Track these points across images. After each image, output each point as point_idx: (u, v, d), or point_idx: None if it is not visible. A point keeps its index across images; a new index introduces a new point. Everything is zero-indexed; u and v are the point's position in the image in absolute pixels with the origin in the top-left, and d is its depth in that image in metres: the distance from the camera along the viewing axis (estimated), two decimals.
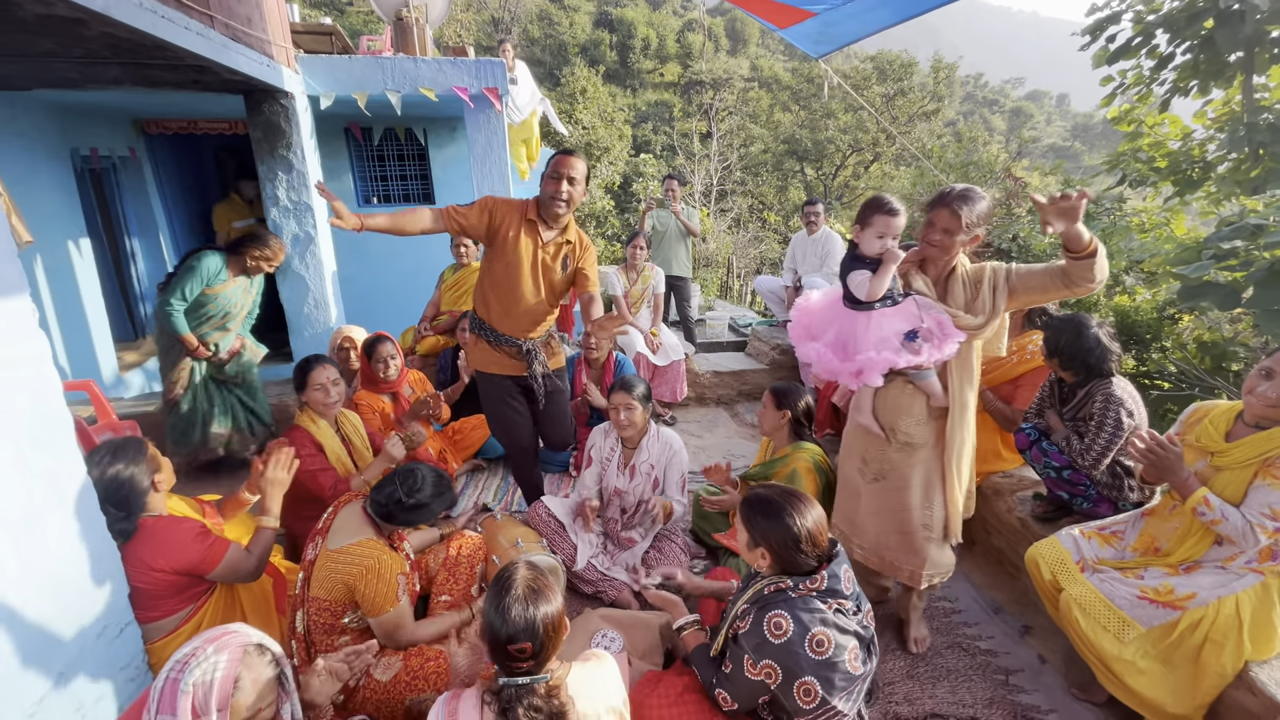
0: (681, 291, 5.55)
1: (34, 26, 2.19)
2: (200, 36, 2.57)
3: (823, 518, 1.54)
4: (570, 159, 2.37)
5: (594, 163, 15.65)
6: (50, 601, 1.50)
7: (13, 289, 1.44)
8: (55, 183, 4.09)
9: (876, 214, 1.87)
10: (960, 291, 1.89)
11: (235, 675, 1.16)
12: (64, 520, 1.55)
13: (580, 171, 2.39)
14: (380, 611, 1.76)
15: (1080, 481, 2.25)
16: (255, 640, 1.24)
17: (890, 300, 1.89)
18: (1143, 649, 1.75)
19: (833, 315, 2.03)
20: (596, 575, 2.52)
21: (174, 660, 1.17)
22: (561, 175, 2.35)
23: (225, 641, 1.19)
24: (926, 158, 8.48)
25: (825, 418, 3.93)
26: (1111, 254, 5.48)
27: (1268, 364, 1.69)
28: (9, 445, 1.42)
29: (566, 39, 33.19)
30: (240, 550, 1.90)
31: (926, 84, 19.83)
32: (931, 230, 1.85)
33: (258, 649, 1.23)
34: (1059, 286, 1.75)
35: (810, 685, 1.39)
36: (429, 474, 1.93)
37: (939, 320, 1.86)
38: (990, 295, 1.85)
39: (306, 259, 3.93)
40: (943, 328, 1.85)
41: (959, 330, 1.85)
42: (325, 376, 2.52)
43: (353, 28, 21.60)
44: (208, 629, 1.82)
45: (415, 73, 4.08)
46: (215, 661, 1.15)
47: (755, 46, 37.74)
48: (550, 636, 1.25)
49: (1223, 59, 6.04)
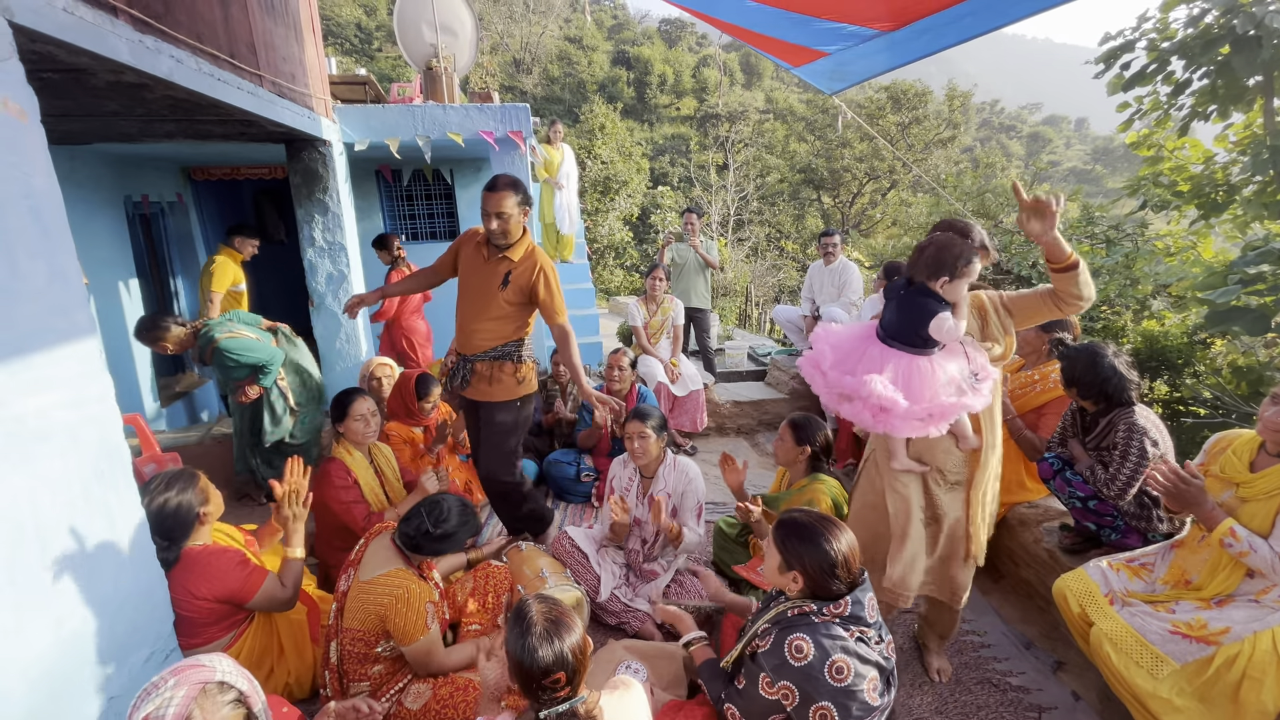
0: (700, 322, 5.62)
1: (103, 92, 2.39)
2: (251, 95, 2.77)
3: (855, 544, 1.55)
4: (493, 197, 2.40)
5: (613, 196, 16.00)
6: (103, 629, 1.58)
7: (85, 332, 1.57)
8: (110, 228, 4.35)
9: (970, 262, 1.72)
10: (973, 322, 1.89)
11: (187, 714, 1.11)
12: (118, 550, 1.64)
13: (508, 206, 2.41)
14: (411, 640, 1.81)
15: (1107, 512, 2.22)
16: (218, 678, 1.18)
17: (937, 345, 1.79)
18: (1178, 686, 1.71)
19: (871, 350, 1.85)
20: (620, 606, 2.54)
21: (144, 685, 1.16)
22: (489, 214, 2.44)
23: (186, 676, 1.15)
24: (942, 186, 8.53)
25: (847, 447, 3.92)
26: (1137, 279, 5.43)
27: (1278, 390, 1.69)
28: (76, 479, 1.52)
29: (585, 77, 34.28)
30: (276, 580, 1.97)
31: (942, 112, 19.99)
32: None
33: (219, 687, 1.17)
34: (1050, 306, 1.77)
35: (827, 711, 1.40)
36: (454, 504, 1.99)
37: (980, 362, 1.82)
38: (998, 321, 1.87)
39: (340, 296, 4.10)
40: (985, 366, 1.81)
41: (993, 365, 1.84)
42: (366, 408, 2.63)
43: (382, 72, 22.66)
44: (246, 658, 1.90)
45: (444, 119, 4.30)
46: (171, 696, 1.12)
47: (770, 80, 38.51)
48: (579, 660, 1.29)
49: (1241, 83, 6.02)
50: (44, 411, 1.44)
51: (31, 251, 1.43)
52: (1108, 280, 5.30)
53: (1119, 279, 5.30)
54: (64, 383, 1.50)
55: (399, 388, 3.37)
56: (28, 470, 1.39)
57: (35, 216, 1.45)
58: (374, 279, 4.81)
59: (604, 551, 2.73)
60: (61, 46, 1.68)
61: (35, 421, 1.41)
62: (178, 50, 2.23)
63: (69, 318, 1.53)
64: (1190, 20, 6.01)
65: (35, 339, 1.43)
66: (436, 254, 2.85)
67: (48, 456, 1.45)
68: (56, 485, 1.47)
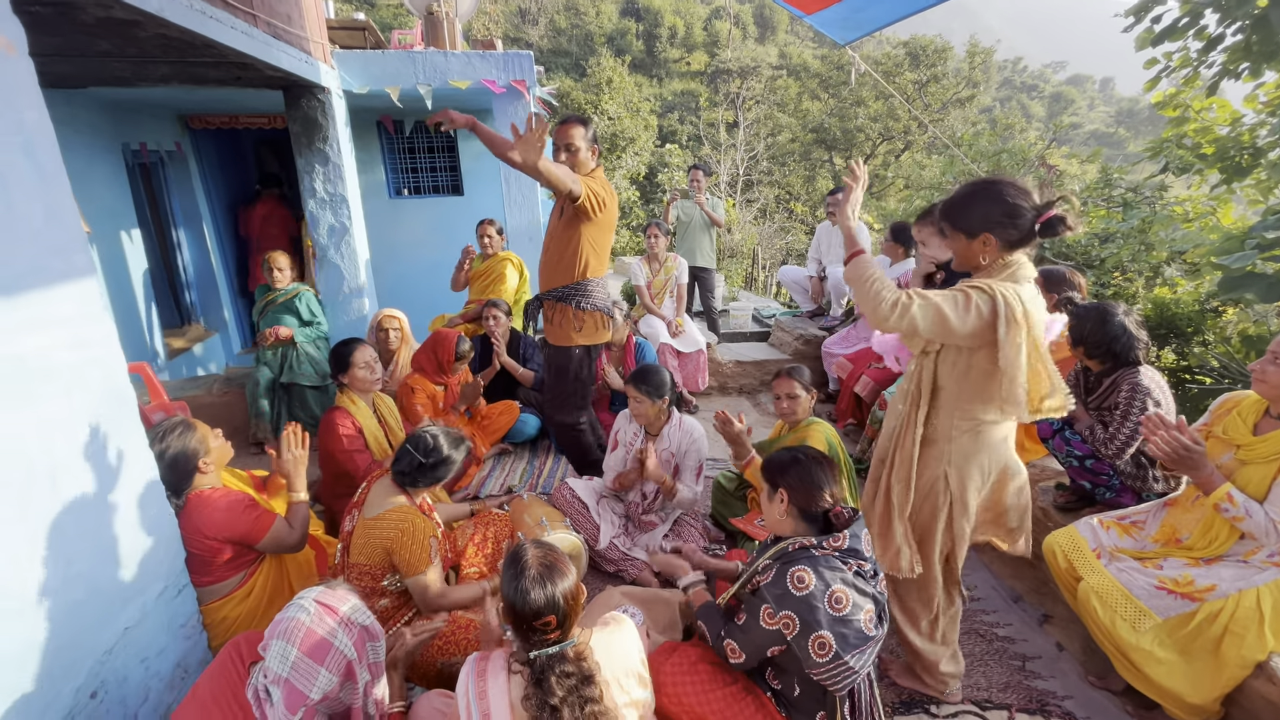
0: (705, 282, 5.57)
1: (93, 28, 2.33)
2: (245, 35, 2.69)
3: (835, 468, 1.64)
4: (562, 130, 2.55)
5: (619, 153, 15.66)
6: (116, 565, 1.63)
7: (85, 274, 1.56)
8: (109, 176, 4.30)
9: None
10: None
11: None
12: (127, 489, 1.68)
13: (576, 138, 2.56)
14: (416, 571, 1.87)
15: (1104, 471, 2.24)
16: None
17: None
18: (1159, 638, 1.75)
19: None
20: (618, 555, 2.60)
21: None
22: (558, 146, 2.57)
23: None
24: (957, 146, 8.30)
25: (848, 407, 3.94)
26: (1152, 244, 5.33)
27: (1274, 347, 1.67)
28: (83, 420, 1.55)
29: (593, 28, 33.11)
30: (284, 523, 2.02)
31: (962, 69, 19.28)
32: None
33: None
34: None
35: (826, 639, 1.45)
36: (438, 432, 2.00)
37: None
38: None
39: (342, 249, 4.07)
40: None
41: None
42: (369, 355, 2.65)
43: (383, 21, 21.94)
44: (257, 596, 1.97)
45: (445, 66, 4.18)
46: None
47: (784, 34, 37.10)
48: (571, 605, 1.32)
49: (1277, 39, 5.76)
50: (45, 351, 1.45)
51: (27, 190, 1.42)
52: (1121, 245, 5.20)
53: (1133, 243, 5.20)
54: (64, 323, 1.50)
55: (438, 344, 3.38)
56: (34, 410, 1.41)
57: (28, 153, 1.43)
58: (373, 233, 4.77)
59: (604, 502, 2.78)
60: None
61: (37, 361, 1.42)
62: None
63: (67, 259, 1.52)
64: None
65: (33, 278, 1.43)
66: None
67: (52, 396, 1.46)
68: (63, 425, 1.50)
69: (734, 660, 1.63)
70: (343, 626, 1.33)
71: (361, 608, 1.40)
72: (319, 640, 1.29)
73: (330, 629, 1.31)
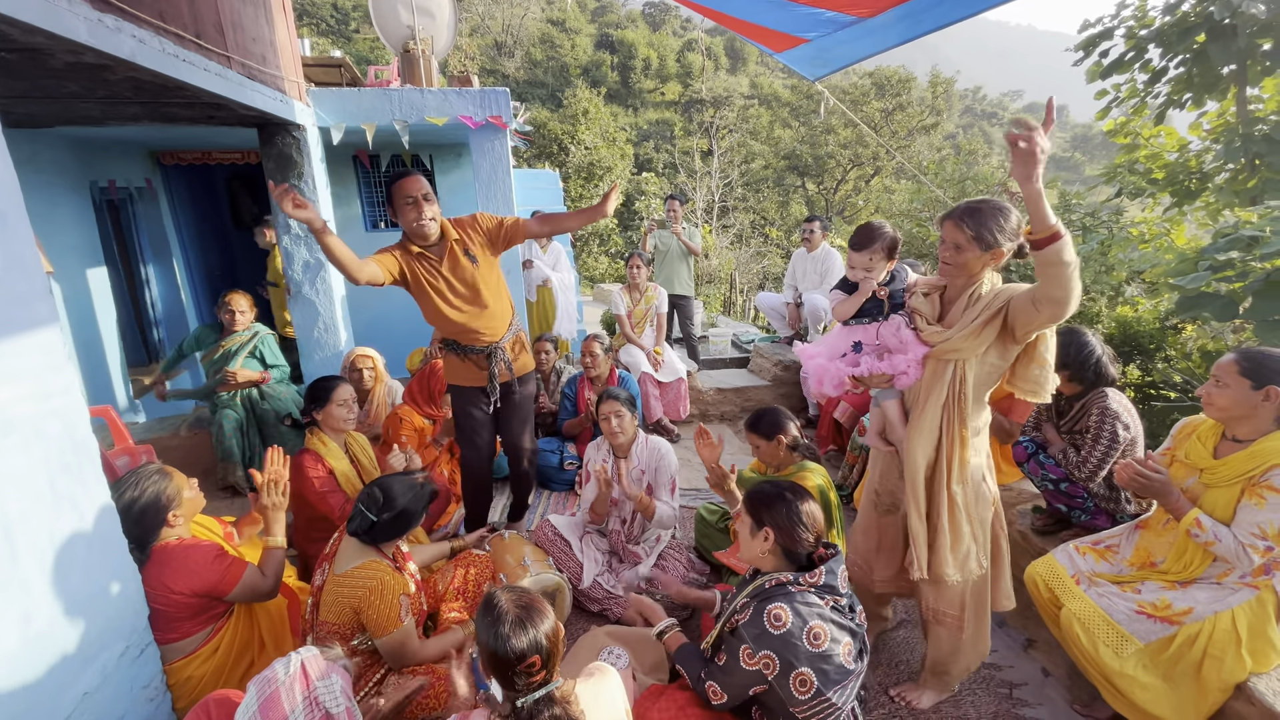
0: (684, 310, 5.62)
1: (61, 73, 2.30)
2: (219, 77, 2.69)
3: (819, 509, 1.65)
4: (409, 182, 2.39)
5: (596, 182, 15.87)
6: (75, 623, 1.55)
7: (46, 323, 1.52)
8: (75, 214, 4.22)
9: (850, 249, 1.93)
10: (962, 313, 1.74)
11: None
12: (88, 544, 1.61)
13: (426, 185, 2.44)
14: (385, 632, 1.80)
15: (1078, 494, 2.28)
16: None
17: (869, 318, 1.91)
18: (1142, 663, 1.76)
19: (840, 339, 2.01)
20: (602, 594, 2.55)
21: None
22: (415, 198, 2.41)
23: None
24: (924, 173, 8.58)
25: (828, 434, 3.96)
26: (1112, 265, 5.53)
27: (1216, 371, 1.73)
28: (41, 473, 1.49)
29: (569, 60, 33.80)
30: (256, 571, 1.94)
31: (925, 98, 20.05)
32: (943, 247, 1.74)
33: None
34: (1029, 306, 1.59)
35: (806, 676, 1.45)
36: (390, 483, 1.91)
37: (902, 338, 1.81)
38: (977, 309, 1.70)
39: (317, 285, 4.02)
40: (904, 345, 1.81)
41: (923, 345, 1.79)
42: (348, 394, 2.60)
43: (360, 54, 22.12)
44: (225, 651, 1.89)
45: (422, 103, 4.21)
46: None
47: (754, 65, 38.26)
48: (554, 644, 1.29)
49: (1216, 72, 6.11)
50: (5, 405, 1.40)
51: None
52: (1083, 267, 5.38)
53: (1094, 265, 5.39)
54: (25, 375, 1.45)
55: (433, 374, 3.33)
56: None
57: None
58: None
59: (587, 539, 2.74)
60: (15, 25, 1.61)
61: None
62: (140, 30, 2.14)
63: (29, 309, 1.48)
64: (1168, 7, 6.08)
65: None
66: None
67: (11, 450, 1.41)
68: (21, 480, 1.43)
69: (716, 701, 1.61)
70: (305, 705, 1.32)
71: (336, 690, 1.37)
72: (278, 711, 1.29)
73: (293, 704, 1.31)
